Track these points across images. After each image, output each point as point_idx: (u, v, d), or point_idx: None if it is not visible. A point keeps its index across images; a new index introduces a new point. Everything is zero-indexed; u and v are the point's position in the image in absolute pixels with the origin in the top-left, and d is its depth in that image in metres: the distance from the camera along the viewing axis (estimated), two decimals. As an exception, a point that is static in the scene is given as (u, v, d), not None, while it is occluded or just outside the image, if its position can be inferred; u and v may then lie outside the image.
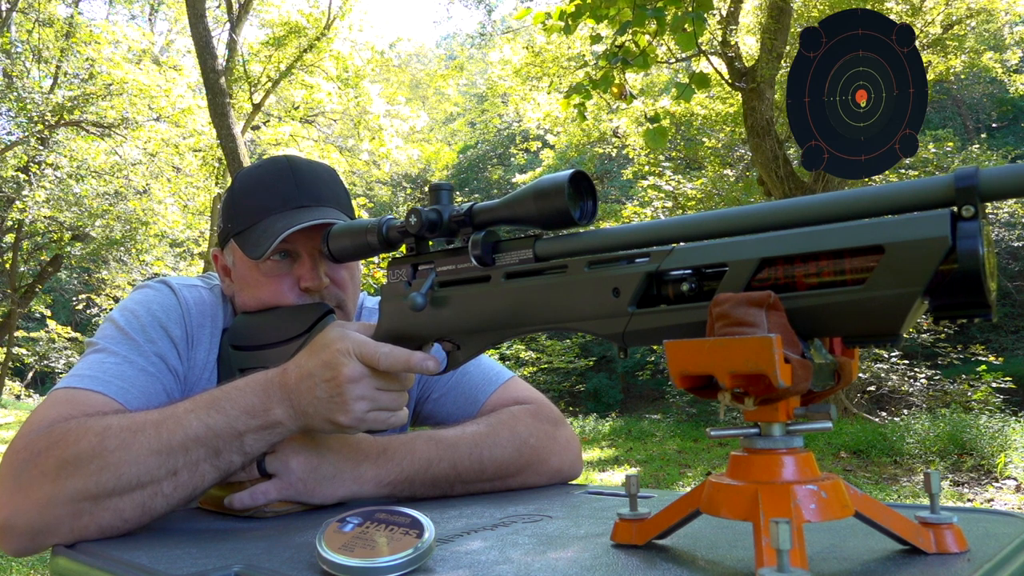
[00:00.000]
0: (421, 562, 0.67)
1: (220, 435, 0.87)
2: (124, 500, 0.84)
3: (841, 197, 0.59)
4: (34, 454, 0.86)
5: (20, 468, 0.86)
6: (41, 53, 12.76)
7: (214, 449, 0.87)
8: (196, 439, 0.86)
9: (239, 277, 1.17)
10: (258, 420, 0.88)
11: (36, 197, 12.13)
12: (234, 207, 1.17)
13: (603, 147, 13.58)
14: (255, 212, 1.13)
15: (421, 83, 21.76)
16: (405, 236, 0.87)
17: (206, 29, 9.21)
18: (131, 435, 0.85)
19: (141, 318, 1.07)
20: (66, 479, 0.83)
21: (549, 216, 0.74)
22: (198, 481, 0.87)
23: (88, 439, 0.85)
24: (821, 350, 0.62)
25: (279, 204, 1.13)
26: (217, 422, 0.87)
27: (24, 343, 17.06)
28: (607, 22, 4.81)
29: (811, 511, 0.56)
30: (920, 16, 9.15)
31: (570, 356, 13.13)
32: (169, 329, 1.07)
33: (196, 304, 1.13)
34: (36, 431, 0.89)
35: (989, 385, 7.90)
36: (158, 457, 0.85)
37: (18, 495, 0.85)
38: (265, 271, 1.13)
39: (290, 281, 1.13)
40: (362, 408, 0.86)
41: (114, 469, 0.84)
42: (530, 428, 1.11)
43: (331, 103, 12.46)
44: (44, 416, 0.91)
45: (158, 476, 0.85)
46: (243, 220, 1.14)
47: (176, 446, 0.85)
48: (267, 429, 0.88)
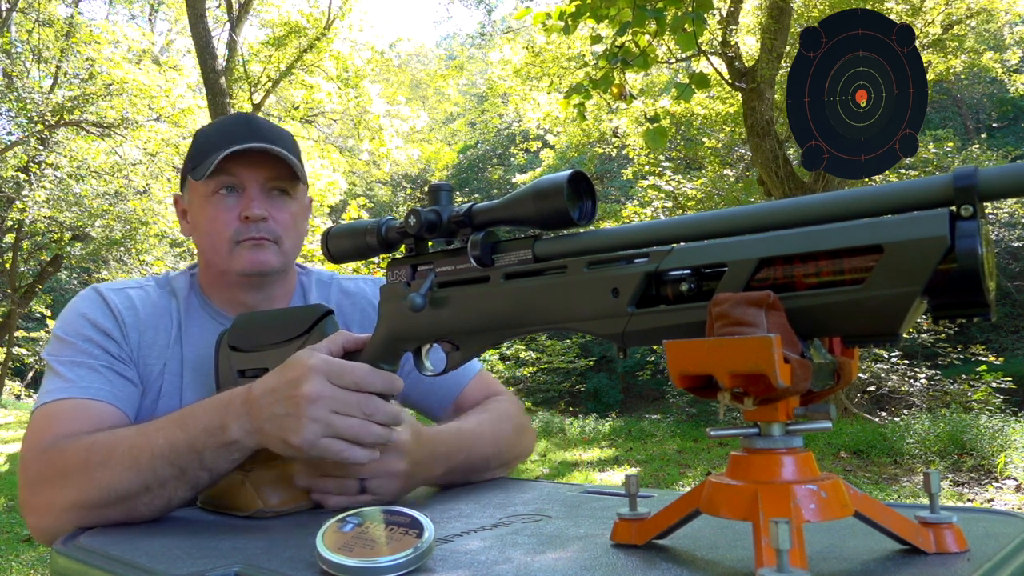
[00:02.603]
0: (421, 562, 0.67)
1: (181, 454, 0.91)
2: (110, 510, 0.92)
3: (840, 197, 0.59)
4: (43, 471, 0.98)
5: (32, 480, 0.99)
6: (41, 53, 12.76)
7: (178, 468, 0.91)
8: (161, 457, 0.91)
9: (192, 217, 1.27)
10: (215, 438, 0.90)
11: (36, 197, 12.13)
12: (193, 148, 1.27)
13: (603, 147, 13.58)
14: (209, 149, 1.22)
15: (421, 83, 21.75)
16: (404, 237, 0.87)
17: (206, 29, 9.22)
18: (109, 453, 0.93)
19: (73, 323, 1.16)
20: (63, 490, 0.94)
21: (548, 216, 0.73)
22: (171, 494, 0.92)
23: (78, 455, 0.95)
24: (821, 350, 0.62)
25: (232, 140, 1.21)
26: (179, 440, 0.91)
27: (24, 343, 17.06)
28: (607, 22, 4.81)
29: (811, 511, 0.56)
30: (920, 16, 9.15)
31: (570, 356, 13.12)
32: (98, 323, 1.16)
33: (122, 300, 1.21)
34: (36, 451, 1.00)
35: (989, 385, 7.91)
36: (131, 473, 0.91)
37: (34, 502, 0.98)
38: (214, 204, 1.21)
39: (235, 214, 1.21)
40: (314, 431, 0.84)
41: (97, 484, 0.92)
42: (521, 418, 1.24)
43: (331, 103, 12.45)
44: (37, 438, 1.01)
45: (134, 491, 0.92)
46: (198, 156, 1.24)
47: (144, 465, 0.91)
48: (224, 447, 0.90)
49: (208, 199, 1.22)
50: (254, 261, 1.21)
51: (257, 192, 1.22)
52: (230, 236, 1.20)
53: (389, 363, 0.92)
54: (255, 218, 1.20)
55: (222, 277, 1.25)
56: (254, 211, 1.20)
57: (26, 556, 4.66)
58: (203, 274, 1.29)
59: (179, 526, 0.93)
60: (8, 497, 6.79)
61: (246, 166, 1.20)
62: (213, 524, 0.93)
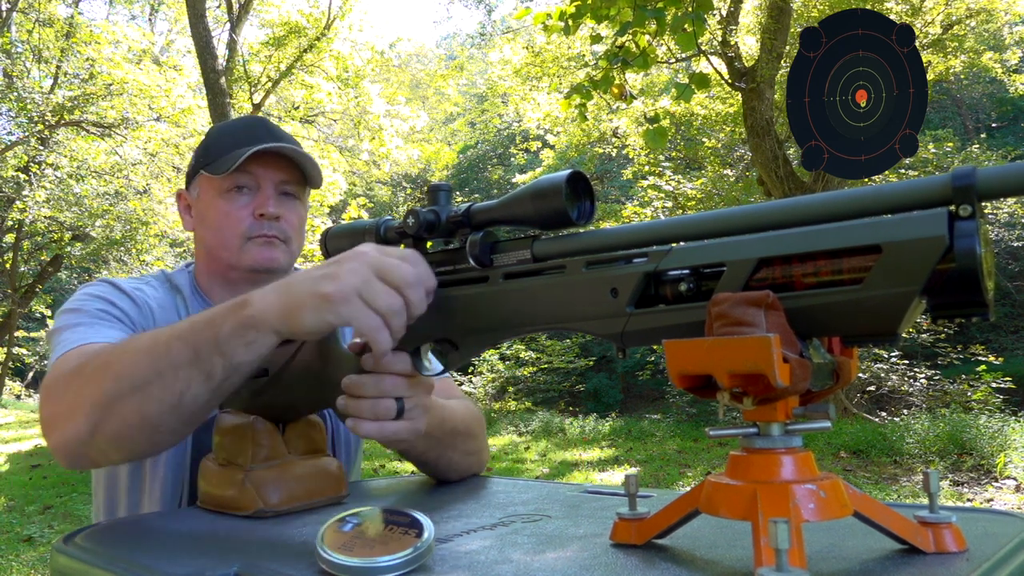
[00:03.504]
0: (421, 562, 0.67)
1: (199, 330, 0.85)
2: (125, 405, 0.86)
3: (839, 197, 0.59)
4: (61, 382, 0.95)
5: (52, 395, 0.96)
6: (41, 53, 12.76)
7: (193, 347, 0.84)
8: (179, 337, 0.85)
9: (200, 210, 1.27)
10: (235, 314, 0.83)
11: (36, 197, 12.13)
12: (206, 146, 1.28)
13: (603, 147, 13.59)
14: (226, 146, 1.24)
15: (421, 83, 21.74)
16: (403, 237, 0.87)
17: (206, 29, 9.22)
18: (129, 343, 0.92)
19: (87, 302, 1.15)
20: (81, 389, 0.90)
21: (547, 216, 0.74)
22: (184, 384, 0.85)
23: (99, 354, 0.93)
24: (820, 350, 0.62)
25: (249, 140, 1.23)
26: (199, 318, 0.87)
27: (24, 343, 17.07)
28: (607, 22, 4.81)
29: (810, 510, 0.56)
30: (920, 16, 9.15)
31: (570, 356, 13.12)
32: (115, 302, 1.15)
33: (135, 291, 1.20)
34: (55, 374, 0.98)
35: (989, 385, 7.91)
36: (147, 357, 0.86)
37: (55, 412, 0.94)
38: (228, 200, 1.23)
39: (248, 211, 1.23)
40: (352, 282, 0.77)
41: (115, 373, 0.88)
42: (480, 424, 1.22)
43: (331, 103, 12.46)
44: (62, 367, 0.99)
45: (148, 377, 0.85)
46: (214, 153, 1.25)
47: (161, 345, 0.86)
48: (242, 325, 0.82)
49: (221, 195, 1.23)
50: (265, 257, 1.23)
51: (271, 192, 1.24)
52: (242, 231, 1.22)
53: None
54: (270, 216, 1.23)
55: (227, 272, 1.26)
56: (269, 209, 1.22)
57: (26, 556, 4.66)
58: (202, 271, 1.30)
59: (179, 526, 0.93)
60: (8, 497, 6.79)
61: (263, 166, 1.23)
62: (213, 524, 0.93)
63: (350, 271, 0.78)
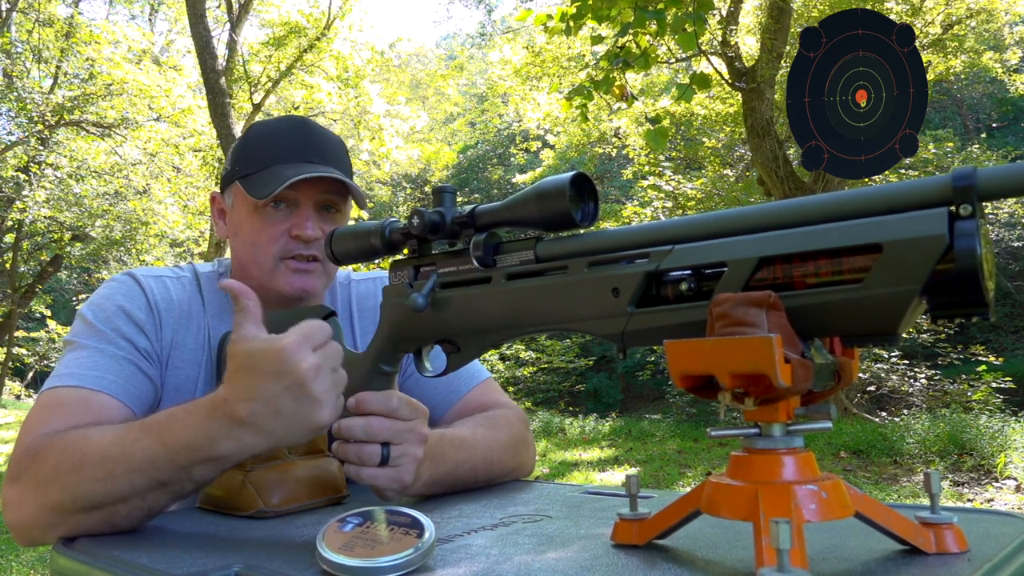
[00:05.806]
0: (421, 562, 0.67)
1: (161, 469, 0.84)
2: (84, 517, 0.87)
3: (839, 197, 0.59)
4: (23, 468, 0.93)
5: (11, 477, 0.94)
6: (41, 53, 12.75)
7: (158, 481, 0.85)
8: (139, 471, 0.85)
9: (234, 221, 1.21)
10: (202, 454, 0.83)
11: (36, 197, 12.12)
12: (244, 151, 1.21)
13: (603, 147, 13.58)
14: (265, 158, 1.17)
15: (421, 83, 21.72)
16: (408, 238, 0.87)
17: (206, 29, 9.21)
18: (82, 459, 0.87)
19: (106, 309, 1.11)
20: (43, 493, 0.89)
21: (551, 218, 0.74)
22: (152, 504, 0.87)
23: (53, 457, 0.90)
24: (821, 350, 0.62)
25: (289, 154, 1.17)
26: (158, 456, 0.84)
27: (24, 343, 17.06)
28: (608, 23, 4.81)
29: (811, 511, 0.56)
30: (920, 16, 9.15)
31: (570, 356, 13.13)
32: (133, 315, 1.12)
33: (160, 291, 1.16)
34: (28, 442, 0.95)
35: (989, 385, 7.91)
36: (103, 485, 0.85)
37: (9, 496, 0.93)
38: (263, 216, 1.17)
39: (284, 228, 1.17)
40: (333, 398, 0.81)
41: (70, 492, 0.87)
42: (521, 432, 1.19)
43: (331, 103, 12.44)
44: (33, 426, 0.98)
45: (108, 501, 0.86)
46: (252, 164, 1.18)
47: (120, 476, 0.85)
48: (210, 461, 0.83)
49: (256, 210, 1.17)
50: (297, 287, 1.17)
51: (310, 212, 1.17)
52: (276, 252, 1.16)
53: (390, 364, 0.92)
54: (307, 239, 1.16)
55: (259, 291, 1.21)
56: (308, 232, 1.16)
57: (26, 556, 4.66)
58: (237, 277, 1.23)
59: (179, 526, 0.93)
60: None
61: (305, 184, 1.15)
62: (213, 524, 0.93)
63: (323, 391, 0.79)
